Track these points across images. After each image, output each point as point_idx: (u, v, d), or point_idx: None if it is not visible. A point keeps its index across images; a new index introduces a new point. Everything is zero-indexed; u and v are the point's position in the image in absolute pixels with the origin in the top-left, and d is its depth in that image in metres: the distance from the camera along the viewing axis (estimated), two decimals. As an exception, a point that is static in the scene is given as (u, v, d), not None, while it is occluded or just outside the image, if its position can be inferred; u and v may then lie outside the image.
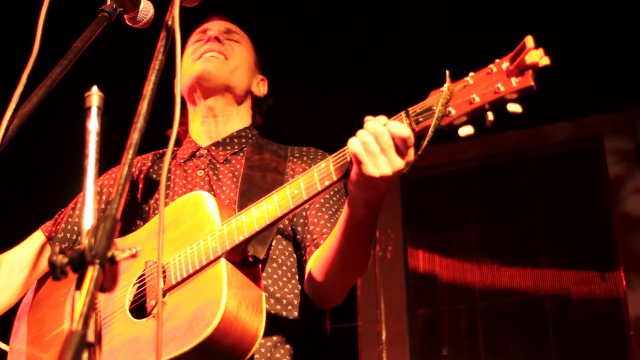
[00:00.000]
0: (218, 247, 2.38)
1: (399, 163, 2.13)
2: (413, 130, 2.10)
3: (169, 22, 2.12)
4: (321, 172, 2.25)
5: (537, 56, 1.91)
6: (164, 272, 2.48)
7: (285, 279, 2.72)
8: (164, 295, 2.44)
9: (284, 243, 2.77)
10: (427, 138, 2.04)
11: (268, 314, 2.60)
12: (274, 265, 2.71)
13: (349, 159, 2.20)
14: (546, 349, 5.56)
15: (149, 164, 3.05)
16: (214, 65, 2.99)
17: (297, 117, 5.11)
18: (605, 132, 5.69)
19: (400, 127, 2.11)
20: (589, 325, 5.55)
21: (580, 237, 5.67)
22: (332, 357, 2.78)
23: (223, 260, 2.36)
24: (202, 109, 3.05)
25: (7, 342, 2.95)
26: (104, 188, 3.02)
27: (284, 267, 2.73)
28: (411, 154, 2.15)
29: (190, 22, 3.07)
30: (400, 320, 5.83)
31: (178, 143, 3.10)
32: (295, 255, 2.78)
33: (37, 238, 3.03)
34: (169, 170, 2.96)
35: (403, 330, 5.81)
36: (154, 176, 3.01)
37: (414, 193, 6.09)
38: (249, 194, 2.71)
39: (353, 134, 2.18)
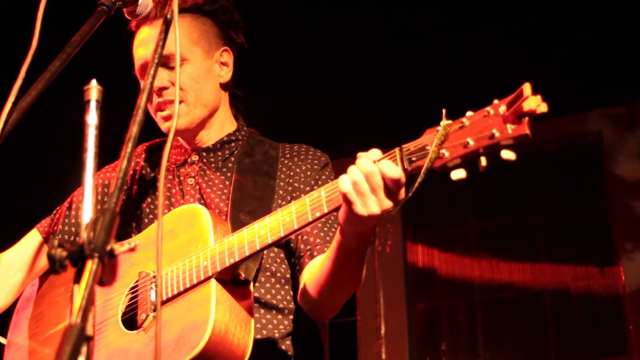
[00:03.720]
0: (209, 267, 2.37)
1: (388, 203, 2.10)
2: (405, 170, 2.07)
3: (168, 16, 2.11)
4: (313, 202, 2.23)
5: (534, 103, 1.87)
6: (157, 286, 2.48)
7: (278, 285, 2.71)
8: (154, 310, 2.45)
9: (276, 250, 2.75)
10: (419, 180, 1.99)
11: (261, 322, 2.62)
12: (267, 274, 2.70)
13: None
14: (545, 344, 5.57)
15: (142, 162, 3.01)
16: (179, 124, 2.79)
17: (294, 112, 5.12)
18: (605, 127, 5.70)
19: (392, 167, 2.07)
20: (588, 320, 5.56)
21: (579, 232, 5.68)
22: (332, 352, 2.78)
23: (213, 281, 2.36)
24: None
25: (4, 335, 2.94)
26: (97, 187, 2.98)
27: (278, 274, 2.72)
28: (402, 194, 2.12)
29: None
30: (399, 314, 5.84)
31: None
32: (287, 262, 2.76)
33: (33, 238, 3.01)
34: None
35: (402, 324, 5.82)
36: (148, 177, 2.98)
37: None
38: (240, 204, 2.70)
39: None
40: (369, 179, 2.08)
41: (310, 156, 2.89)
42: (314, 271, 2.55)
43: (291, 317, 2.70)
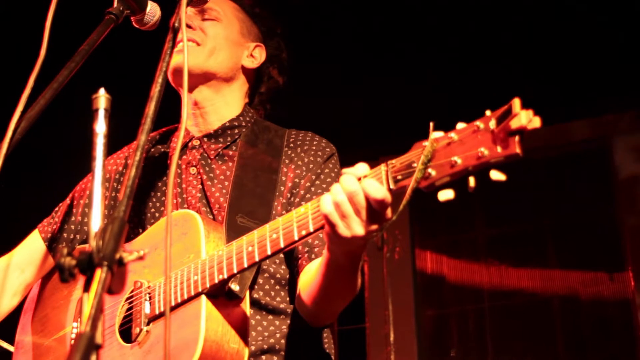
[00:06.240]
0: (199, 282, 2.34)
1: (373, 224, 2.02)
2: (390, 190, 1.96)
3: (176, 24, 2.12)
4: (300, 218, 2.15)
5: (525, 119, 1.73)
6: (151, 298, 2.46)
7: (278, 287, 2.66)
8: (148, 324, 2.43)
9: None
10: (404, 202, 1.86)
11: (262, 325, 2.59)
12: (266, 275, 2.65)
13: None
14: (554, 350, 5.55)
15: (144, 155, 2.97)
16: (188, 61, 2.63)
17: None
18: (615, 132, 5.68)
19: (376, 187, 1.96)
20: (597, 326, 5.54)
21: (588, 237, 5.66)
22: (340, 359, 2.74)
23: (203, 298, 2.33)
24: (188, 102, 2.92)
25: (11, 338, 2.95)
26: (106, 174, 2.96)
27: (277, 276, 2.67)
28: (388, 213, 2.02)
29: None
30: (408, 321, 5.83)
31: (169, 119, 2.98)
32: (286, 264, 2.71)
33: (34, 239, 3.01)
34: (164, 161, 2.91)
35: (411, 331, 5.81)
36: (152, 170, 2.94)
37: (421, 194, 6.08)
38: (239, 204, 2.64)
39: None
40: (352, 199, 1.99)
41: (314, 147, 2.81)
42: (308, 280, 2.48)
43: (293, 319, 2.64)
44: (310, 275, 2.48)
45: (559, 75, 5.32)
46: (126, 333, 2.48)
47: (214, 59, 2.89)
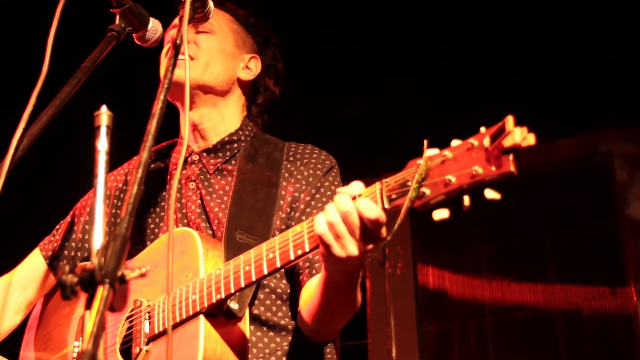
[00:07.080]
0: (197, 301, 2.33)
1: (368, 244, 2.00)
2: (384, 209, 1.94)
3: (177, 41, 2.12)
4: (295, 237, 2.15)
5: (519, 137, 1.69)
6: (150, 317, 2.45)
7: (279, 302, 2.64)
8: (147, 343, 2.41)
9: None
10: (399, 221, 1.83)
11: (263, 342, 2.57)
12: (267, 290, 2.63)
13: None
14: (557, 365, 5.53)
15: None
16: (180, 72, 2.57)
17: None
18: (615, 147, 5.68)
19: (370, 207, 1.95)
20: (600, 341, 5.52)
21: (590, 252, 5.65)
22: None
23: (201, 318, 2.32)
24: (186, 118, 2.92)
25: (14, 354, 2.95)
26: (107, 191, 2.94)
27: (278, 291, 2.65)
28: (383, 233, 2.00)
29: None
30: (410, 336, 5.81)
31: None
32: (287, 279, 2.69)
33: (35, 258, 3.00)
34: (164, 177, 2.90)
35: (413, 346, 5.79)
36: (153, 186, 2.93)
37: (418, 212, 6.08)
38: (239, 220, 2.63)
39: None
40: (346, 219, 1.98)
41: (313, 160, 2.79)
42: (307, 297, 2.47)
43: (295, 335, 2.62)
44: (309, 293, 2.47)
45: (559, 90, 5.33)
46: (127, 352, 2.47)
47: (209, 73, 2.86)
